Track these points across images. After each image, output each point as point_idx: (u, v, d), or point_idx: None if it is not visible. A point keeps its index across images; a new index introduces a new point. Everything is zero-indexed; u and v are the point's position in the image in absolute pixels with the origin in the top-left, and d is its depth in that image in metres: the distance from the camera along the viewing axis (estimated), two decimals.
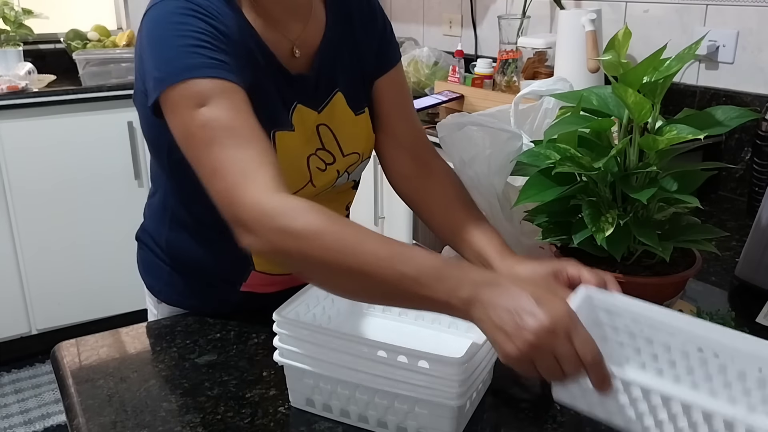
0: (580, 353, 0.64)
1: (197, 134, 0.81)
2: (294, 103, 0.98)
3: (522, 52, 2.19)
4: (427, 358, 0.72)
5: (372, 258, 0.72)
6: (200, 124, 0.81)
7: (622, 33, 0.90)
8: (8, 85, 2.55)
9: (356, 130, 1.04)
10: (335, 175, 1.03)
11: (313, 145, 1.00)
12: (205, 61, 0.83)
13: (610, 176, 0.88)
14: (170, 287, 1.12)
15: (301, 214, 0.75)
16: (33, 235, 2.68)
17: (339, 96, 1.02)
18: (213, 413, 0.82)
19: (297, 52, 0.98)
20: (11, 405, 2.57)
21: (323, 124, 1.01)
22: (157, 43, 0.86)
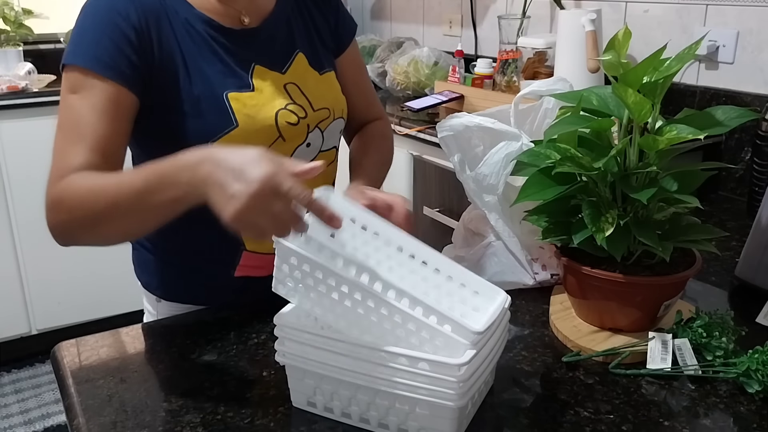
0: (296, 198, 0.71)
1: (60, 113, 0.95)
2: (252, 64, 1.04)
3: (522, 52, 2.18)
4: (427, 360, 0.72)
5: (112, 195, 0.84)
6: (63, 107, 0.95)
7: (622, 33, 0.90)
8: (8, 85, 2.55)
9: (323, 87, 1.12)
10: (305, 130, 1.07)
11: (282, 101, 1.05)
12: (95, 53, 0.93)
13: (610, 176, 0.88)
14: (165, 281, 1.13)
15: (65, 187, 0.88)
16: (33, 235, 2.68)
17: (300, 56, 1.10)
18: (213, 413, 0.82)
19: (245, 19, 1.05)
20: (11, 405, 2.57)
21: (290, 83, 1.07)
22: (78, 24, 0.96)
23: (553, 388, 0.86)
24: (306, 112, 1.07)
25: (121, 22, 0.94)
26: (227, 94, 1.00)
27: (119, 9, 0.95)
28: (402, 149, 2.21)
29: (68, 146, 0.91)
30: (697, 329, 0.90)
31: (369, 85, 1.28)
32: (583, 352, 0.92)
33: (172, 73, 0.97)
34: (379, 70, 2.70)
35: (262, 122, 1.02)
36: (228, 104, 0.99)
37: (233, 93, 1.00)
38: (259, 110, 1.02)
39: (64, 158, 0.91)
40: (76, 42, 0.95)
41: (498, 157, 1.03)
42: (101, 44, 0.93)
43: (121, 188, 0.84)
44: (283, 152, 1.05)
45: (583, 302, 0.97)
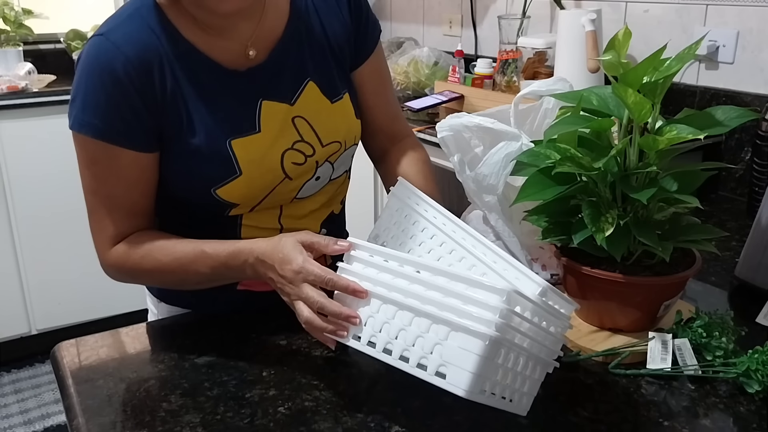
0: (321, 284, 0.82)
1: (85, 179, 0.98)
2: (258, 101, 0.99)
3: (522, 52, 2.18)
4: (470, 282, 0.71)
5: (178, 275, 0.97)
6: (88, 175, 0.97)
7: (622, 33, 0.90)
8: (8, 85, 2.55)
9: (334, 119, 1.05)
10: (314, 166, 1.04)
11: (289, 139, 1.01)
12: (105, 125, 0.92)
13: (610, 176, 0.88)
14: (167, 289, 1.13)
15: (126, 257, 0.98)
16: (33, 235, 2.68)
17: (311, 85, 1.03)
18: (213, 413, 0.82)
19: (251, 52, 0.99)
20: (11, 405, 2.57)
21: (299, 116, 1.01)
22: (81, 80, 0.93)
23: (553, 388, 0.86)
24: (314, 150, 1.02)
25: (123, 87, 0.91)
26: (230, 142, 0.96)
27: (117, 72, 0.91)
28: None
29: (106, 215, 0.98)
30: (697, 329, 0.90)
31: (393, 97, 1.19)
32: (583, 352, 0.92)
33: (176, 123, 0.95)
34: None
35: (267, 166, 0.99)
36: (231, 153, 0.96)
37: (237, 139, 0.97)
38: (265, 154, 0.99)
39: (103, 227, 0.99)
40: (81, 107, 0.92)
41: (498, 157, 1.03)
42: (110, 114, 0.92)
43: (188, 272, 0.96)
44: (291, 188, 1.03)
45: (583, 302, 0.97)
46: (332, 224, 1.14)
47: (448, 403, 0.82)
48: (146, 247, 0.97)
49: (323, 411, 0.82)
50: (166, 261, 0.96)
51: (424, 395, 0.84)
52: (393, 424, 0.79)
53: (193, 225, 1.03)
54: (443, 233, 0.93)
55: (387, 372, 0.89)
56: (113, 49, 0.91)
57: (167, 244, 0.97)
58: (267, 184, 1.00)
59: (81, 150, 0.96)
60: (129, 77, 0.91)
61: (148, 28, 0.93)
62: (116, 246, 0.99)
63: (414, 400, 0.84)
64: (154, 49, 0.93)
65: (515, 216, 1.05)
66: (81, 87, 0.93)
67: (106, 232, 0.99)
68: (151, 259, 0.97)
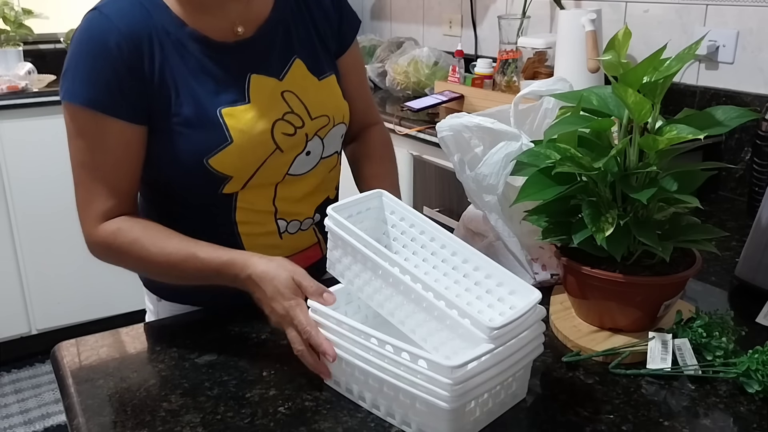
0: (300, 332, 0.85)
1: (73, 152, 0.99)
2: (248, 75, 1.03)
3: (522, 52, 2.18)
4: (426, 358, 0.72)
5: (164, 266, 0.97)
6: (77, 147, 0.99)
7: (622, 33, 0.90)
8: (8, 85, 2.55)
9: (323, 93, 1.10)
10: (304, 139, 1.07)
11: (279, 111, 1.05)
12: (98, 97, 0.95)
13: (610, 176, 0.88)
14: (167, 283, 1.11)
15: (117, 236, 0.98)
16: (33, 235, 2.68)
17: (298, 62, 1.08)
18: (213, 413, 0.82)
19: (239, 29, 1.03)
20: (11, 405, 2.57)
21: (288, 91, 1.06)
22: (74, 54, 0.96)
23: (553, 388, 0.86)
24: (303, 122, 1.06)
25: (113, 59, 0.94)
26: (221, 110, 1.00)
27: (109, 44, 0.94)
28: (402, 149, 2.21)
29: (94, 189, 0.99)
30: (697, 329, 0.90)
31: (368, 89, 1.28)
32: (583, 352, 0.92)
33: (165, 96, 0.98)
34: (379, 70, 2.70)
35: (258, 136, 1.01)
36: (222, 120, 0.99)
37: (227, 108, 1.00)
38: (255, 124, 1.01)
39: (90, 201, 0.99)
40: (72, 78, 0.96)
41: (498, 157, 1.03)
42: (99, 83, 0.95)
43: (174, 269, 0.97)
44: (283, 162, 1.05)
45: (583, 302, 0.97)
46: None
47: None
48: (137, 233, 0.98)
49: (323, 411, 0.82)
50: (155, 252, 0.97)
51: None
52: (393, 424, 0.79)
53: (187, 214, 1.04)
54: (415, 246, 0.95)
55: None
56: (106, 23, 0.95)
57: (159, 236, 0.98)
58: (259, 155, 1.02)
59: (71, 121, 0.98)
60: (120, 49, 0.94)
61: (139, 4, 0.98)
62: (105, 224, 0.99)
63: None
64: (145, 23, 0.97)
65: (515, 216, 1.05)
66: (73, 59, 0.96)
67: (94, 208, 0.99)
68: (139, 247, 0.97)
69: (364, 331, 0.78)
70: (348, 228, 0.86)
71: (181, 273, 0.97)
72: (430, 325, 0.79)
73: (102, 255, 1.02)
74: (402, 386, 0.75)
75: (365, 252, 0.84)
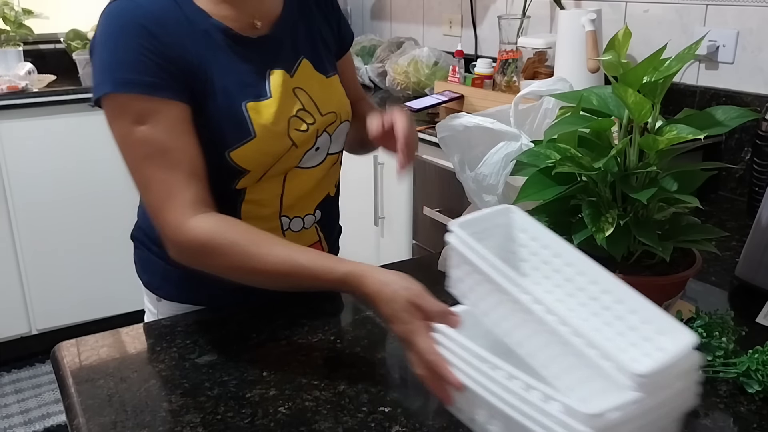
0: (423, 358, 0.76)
1: (134, 148, 0.92)
2: (268, 71, 1.03)
3: (522, 52, 2.18)
4: (560, 400, 0.63)
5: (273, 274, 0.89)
6: (137, 141, 0.92)
7: (622, 33, 0.90)
8: (8, 85, 2.55)
9: (330, 91, 1.12)
10: (314, 134, 1.08)
11: (293, 107, 1.05)
12: (148, 79, 0.92)
13: (610, 176, 0.88)
14: (168, 282, 1.13)
15: (216, 233, 0.90)
16: (33, 235, 2.68)
17: (305, 62, 1.09)
18: (213, 413, 0.82)
19: (258, 23, 1.04)
20: (11, 405, 2.57)
21: (298, 87, 1.07)
22: (108, 46, 0.93)
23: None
24: (314, 118, 1.07)
25: (154, 40, 0.92)
26: (246, 104, 0.99)
27: (146, 26, 0.92)
28: None
29: (170, 179, 0.92)
30: (697, 329, 0.90)
31: (356, 79, 1.31)
32: None
33: (198, 82, 0.96)
34: (379, 70, 2.70)
35: (277, 132, 1.02)
36: (247, 115, 0.99)
37: (251, 103, 1.00)
38: (275, 120, 1.01)
39: (173, 194, 0.92)
40: (114, 68, 0.92)
41: (498, 157, 1.03)
42: (146, 66, 0.91)
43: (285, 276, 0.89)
44: (295, 157, 1.05)
45: None
46: (327, 206, 1.17)
47: None
48: (235, 235, 0.91)
49: (323, 411, 0.82)
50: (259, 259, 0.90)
51: (424, 395, 0.84)
52: (393, 424, 0.79)
53: None
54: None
55: (387, 372, 0.90)
56: (137, 8, 0.93)
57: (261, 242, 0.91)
58: (277, 151, 1.02)
59: (122, 114, 0.92)
60: (157, 31, 0.93)
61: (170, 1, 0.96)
62: (197, 219, 0.91)
63: (414, 400, 0.84)
64: (172, 10, 0.96)
65: None
66: (109, 49, 0.92)
67: (178, 200, 0.91)
68: (240, 251, 0.90)
69: (492, 361, 0.69)
70: (473, 247, 0.77)
71: (289, 284, 0.92)
72: (564, 362, 0.69)
73: (194, 255, 0.93)
74: (530, 427, 0.65)
75: (492, 275, 0.74)
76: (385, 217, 2.38)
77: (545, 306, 0.69)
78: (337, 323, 1.04)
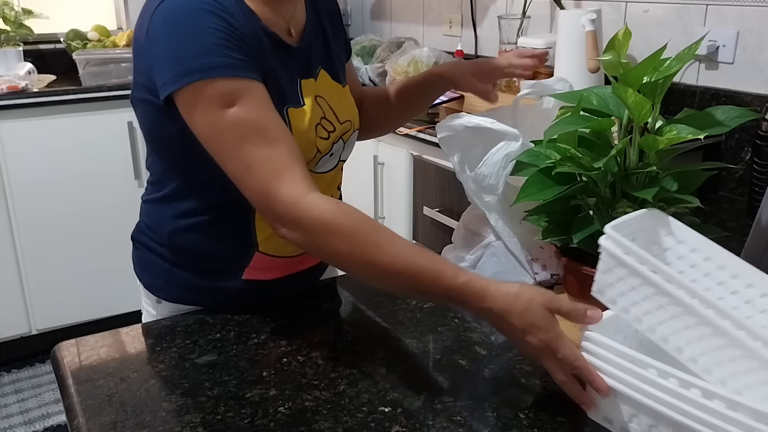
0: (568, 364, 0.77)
1: (227, 133, 0.88)
2: (299, 79, 1.03)
3: None
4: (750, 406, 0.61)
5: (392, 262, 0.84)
6: (230, 124, 0.88)
7: (622, 33, 0.90)
8: (8, 85, 2.55)
9: (345, 100, 1.13)
10: (332, 142, 1.08)
11: (318, 115, 1.05)
12: (228, 60, 0.88)
13: (610, 176, 0.88)
14: (170, 284, 1.12)
15: (339, 214, 0.86)
16: (33, 235, 2.68)
17: (323, 72, 1.09)
18: (213, 413, 0.82)
19: (293, 30, 1.04)
20: (11, 405, 2.57)
21: (320, 96, 1.06)
22: (176, 37, 0.89)
23: (553, 388, 0.86)
24: (334, 126, 1.08)
25: (227, 24, 0.90)
26: (287, 109, 0.99)
27: (211, 10, 0.89)
28: (402, 149, 2.21)
29: (272, 154, 0.88)
30: None
31: (358, 80, 1.34)
32: None
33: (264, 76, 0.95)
34: (379, 70, 2.70)
35: (308, 139, 1.02)
36: (288, 119, 0.98)
37: (291, 108, 1.00)
38: (307, 128, 1.01)
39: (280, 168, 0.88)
40: (188, 58, 0.88)
41: (498, 157, 1.03)
42: (219, 49, 0.89)
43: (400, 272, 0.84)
44: (312, 162, 1.05)
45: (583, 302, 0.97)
46: None
47: (448, 403, 0.83)
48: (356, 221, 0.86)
49: (323, 411, 0.82)
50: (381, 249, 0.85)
51: (424, 395, 0.84)
52: (393, 424, 0.79)
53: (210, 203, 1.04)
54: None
55: (387, 372, 0.90)
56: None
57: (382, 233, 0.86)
58: (307, 157, 1.01)
59: (209, 101, 0.88)
60: (221, 13, 0.90)
61: None
62: (316, 194, 0.87)
63: (414, 400, 0.84)
64: (228, 3, 0.92)
65: (515, 216, 1.05)
66: (176, 42, 0.89)
67: (291, 174, 0.87)
68: (362, 237, 0.85)
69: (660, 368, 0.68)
70: (633, 250, 0.75)
71: (402, 284, 0.86)
72: (735, 366, 0.68)
73: (313, 233, 0.87)
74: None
75: (653, 278, 0.73)
76: (385, 217, 2.38)
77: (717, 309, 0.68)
78: (337, 323, 1.04)
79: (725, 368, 0.69)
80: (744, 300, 0.80)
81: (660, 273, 0.73)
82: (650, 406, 0.69)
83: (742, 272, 0.80)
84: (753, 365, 0.66)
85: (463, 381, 0.88)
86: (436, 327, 1.01)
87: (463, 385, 0.87)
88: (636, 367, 0.71)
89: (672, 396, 0.67)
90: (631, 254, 0.75)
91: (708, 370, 0.70)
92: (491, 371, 0.90)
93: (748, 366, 0.67)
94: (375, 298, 1.09)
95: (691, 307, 0.70)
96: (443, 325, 1.01)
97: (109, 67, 2.78)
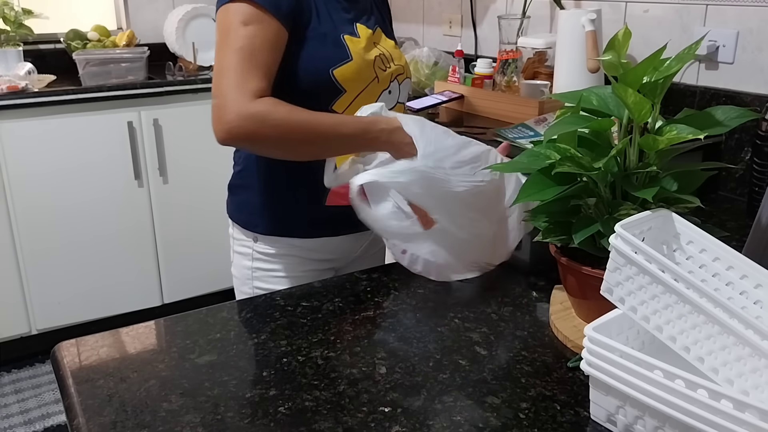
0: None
1: (232, 38, 1.10)
2: (355, 23, 1.27)
3: (522, 52, 2.18)
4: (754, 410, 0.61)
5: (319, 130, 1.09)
6: (239, 35, 1.10)
7: (622, 33, 0.90)
8: (8, 85, 2.55)
9: (398, 52, 1.35)
10: (390, 77, 1.29)
11: (374, 52, 1.27)
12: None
13: (611, 176, 0.88)
14: (265, 218, 1.31)
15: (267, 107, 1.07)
16: (33, 235, 2.68)
17: (378, 29, 1.33)
18: (213, 413, 0.82)
19: None
20: (11, 405, 2.57)
21: (376, 42, 1.30)
22: None
23: (553, 388, 0.86)
24: (390, 64, 1.29)
25: None
26: (344, 36, 1.22)
27: None
28: None
29: (248, 71, 1.09)
30: None
31: None
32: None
33: (308, 11, 1.18)
34: None
35: (368, 61, 1.23)
36: (345, 43, 1.21)
37: (347, 36, 1.22)
38: (365, 52, 1.24)
39: (246, 80, 1.08)
40: None
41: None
42: None
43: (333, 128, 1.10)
44: (376, 92, 1.26)
45: (583, 302, 0.97)
46: None
47: (448, 403, 0.83)
48: (290, 107, 1.09)
49: (323, 411, 0.82)
50: (315, 118, 1.09)
51: (424, 395, 0.84)
52: (393, 424, 0.79)
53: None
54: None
55: (387, 372, 0.90)
56: None
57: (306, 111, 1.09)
58: (367, 77, 1.24)
59: (237, 14, 1.11)
60: None
61: None
62: (260, 99, 1.07)
63: (414, 400, 0.84)
64: None
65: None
66: None
67: (249, 86, 1.07)
68: (298, 113, 1.08)
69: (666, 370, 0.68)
70: (642, 248, 0.75)
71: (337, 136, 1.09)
72: (742, 365, 0.68)
73: (251, 128, 1.06)
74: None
75: (662, 277, 0.73)
76: None
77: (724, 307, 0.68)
78: (337, 323, 1.04)
79: (732, 367, 0.69)
80: (752, 300, 0.81)
81: (669, 272, 0.73)
82: (656, 407, 0.69)
83: (751, 272, 0.81)
84: (760, 364, 0.67)
85: (463, 381, 0.88)
86: (436, 327, 1.01)
87: (463, 385, 0.87)
88: (642, 369, 0.70)
89: (679, 398, 0.67)
90: (640, 253, 0.76)
91: (714, 369, 0.70)
92: (491, 371, 0.90)
93: (755, 365, 0.67)
94: (375, 298, 1.09)
95: (699, 306, 0.70)
96: (443, 325, 1.01)
97: (109, 67, 2.78)
